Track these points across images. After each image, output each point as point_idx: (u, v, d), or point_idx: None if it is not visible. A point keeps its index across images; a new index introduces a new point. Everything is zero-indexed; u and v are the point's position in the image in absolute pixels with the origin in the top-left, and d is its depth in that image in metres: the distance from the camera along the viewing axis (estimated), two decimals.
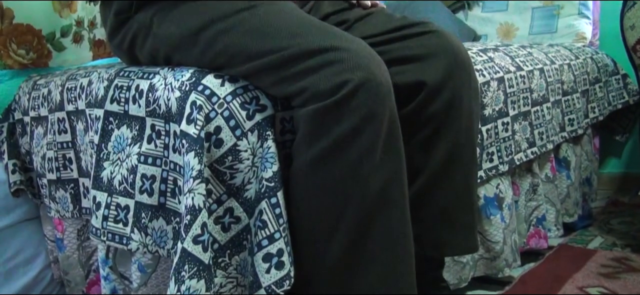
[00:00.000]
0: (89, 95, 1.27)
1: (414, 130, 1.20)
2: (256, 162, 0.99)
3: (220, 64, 1.05)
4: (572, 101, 2.14)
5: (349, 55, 0.94)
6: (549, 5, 2.80)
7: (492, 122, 1.64)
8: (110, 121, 1.18)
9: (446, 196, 1.24)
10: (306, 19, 1.03)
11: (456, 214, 1.25)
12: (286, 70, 0.97)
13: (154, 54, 1.18)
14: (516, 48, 2.00)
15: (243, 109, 0.99)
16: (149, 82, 1.12)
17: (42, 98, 1.50)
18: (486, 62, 1.72)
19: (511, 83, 1.74)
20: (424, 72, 1.19)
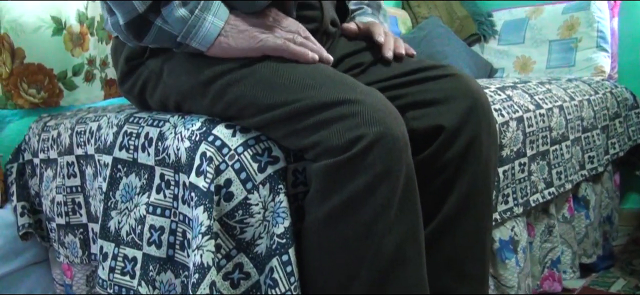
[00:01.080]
0: (98, 141, 1.24)
1: (429, 176, 1.16)
2: (267, 216, 0.96)
3: (231, 114, 1.02)
4: (592, 138, 2.09)
5: (364, 108, 0.91)
6: (566, 39, 2.77)
7: (509, 163, 1.60)
8: (119, 169, 1.15)
9: (456, 244, 1.19)
10: (319, 69, 1.00)
11: (466, 264, 1.20)
12: (298, 123, 0.93)
13: (164, 101, 1.16)
14: (535, 84, 1.96)
15: (255, 161, 0.96)
16: (159, 130, 1.09)
17: (52, 140, 1.47)
18: (505, 100, 1.68)
19: (531, 122, 1.70)
20: (442, 116, 1.15)
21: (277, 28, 1.07)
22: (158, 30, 1.03)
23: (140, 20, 1.02)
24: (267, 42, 1.03)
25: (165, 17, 1.02)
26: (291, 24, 1.10)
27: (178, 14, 1.01)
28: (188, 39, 1.03)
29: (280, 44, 1.03)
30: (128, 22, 1.02)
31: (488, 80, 2.00)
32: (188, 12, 1.01)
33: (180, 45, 1.04)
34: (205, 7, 1.02)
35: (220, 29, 1.03)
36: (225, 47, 1.04)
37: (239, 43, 1.04)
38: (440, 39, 2.87)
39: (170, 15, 1.01)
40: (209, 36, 1.03)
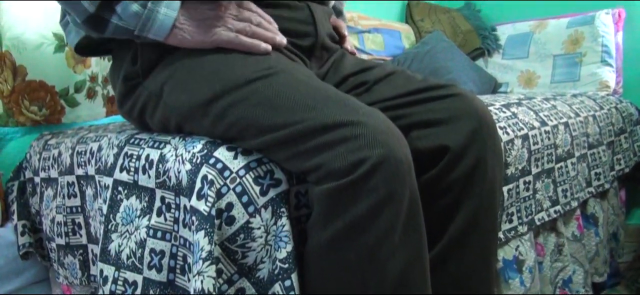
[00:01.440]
0: (99, 162, 1.23)
1: (434, 197, 1.14)
2: (270, 240, 0.94)
3: (232, 136, 1.00)
4: (597, 154, 2.07)
5: (366, 130, 0.89)
6: (570, 53, 2.75)
7: (514, 181, 1.58)
8: (119, 191, 1.13)
9: (462, 266, 1.17)
10: (321, 89, 0.98)
11: (471, 286, 1.18)
12: (300, 145, 0.92)
13: (164, 123, 1.14)
14: (540, 101, 1.95)
15: (256, 184, 0.94)
16: (160, 152, 1.07)
17: (53, 159, 1.46)
18: (510, 118, 1.66)
19: (536, 140, 1.68)
20: (447, 136, 1.14)
21: (230, 18, 1.09)
22: (115, 27, 1.06)
23: (96, 19, 1.05)
24: (220, 35, 1.07)
25: (119, 14, 1.04)
26: (244, 12, 1.11)
27: (131, 9, 1.03)
28: (144, 32, 1.06)
29: (232, 38, 1.07)
30: (84, 20, 1.05)
31: (493, 97, 1.98)
32: (140, 7, 1.04)
33: (139, 37, 1.07)
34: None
35: (174, 20, 1.06)
36: (181, 39, 1.08)
37: (193, 36, 1.08)
38: (444, 54, 2.86)
39: (124, 11, 1.04)
40: (164, 27, 1.06)
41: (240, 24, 1.09)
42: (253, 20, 1.11)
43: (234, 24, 1.08)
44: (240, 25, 1.09)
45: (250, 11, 1.12)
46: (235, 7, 1.11)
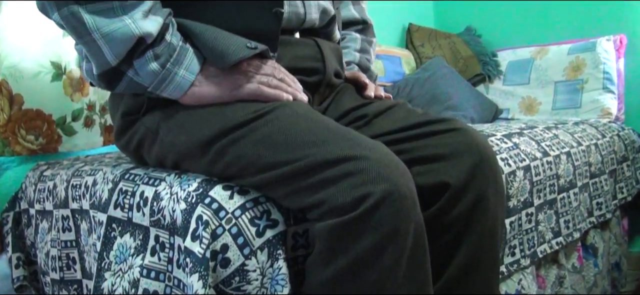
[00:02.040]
0: (93, 196, 1.21)
1: (435, 234, 1.12)
2: (265, 283, 0.91)
3: (230, 174, 0.98)
4: (599, 184, 2.05)
5: (370, 164, 0.87)
6: (572, 80, 2.74)
7: (516, 213, 1.56)
8: (113, 228, 1.11)
9: None
10: (322, 124, 0.96)
11: None
12: (301, 181, 0.90)
13: (161, 159, 1.12)
14: (541, 130, 1.93)
15: (253, 224, 0.92)
16: (154, 189, 1.05)
17: (48, 191, 1.44)
18: (511, 149, 1.64)
19: (538, 171, 1.66)
20: (448, 172, 1.11)
21: (252, 72, 1.06)
22: (129, 81, 1.02)
23: (113, 71, 1.01)
24: (241, 88, 1.04)
25: (137, 69, 1.00)
26: (267, 67, 1.08)
27: (150, 68, 1.00)
28: (159, 90, 1.02)
29: (254, 89, 1.04)
30: (101, 74, 1.01)
31: (494, 127, 1.97)
32: (159, 66, 1.00)
33: (151, 93, 1.04)
34: (177, 61, 1.01)
35: (191, 83, 1.03)
36: (198, 96, 1.04)
37: (212, 91, 1.04)
38: (445, 80, 2.85)
39: (142, 68, 1.00)
40: (180, 89, 1.03)
41: (263, 78, 1.06)
42: (276, 74, 1.08)
43: (256, 77, 1.05)
44: (263, 79, 1.06)
45: (274, 67, 1.09)
46: (258, 62, 1.08)
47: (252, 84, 1.04)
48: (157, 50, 0.99)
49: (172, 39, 1.01)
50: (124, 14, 0.96)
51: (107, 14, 0.95)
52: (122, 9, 0.96)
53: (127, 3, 0.96)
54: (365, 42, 1.56)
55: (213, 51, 1.02)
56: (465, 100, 2.74)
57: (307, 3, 1.21)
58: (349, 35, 1.57)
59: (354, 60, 1.51)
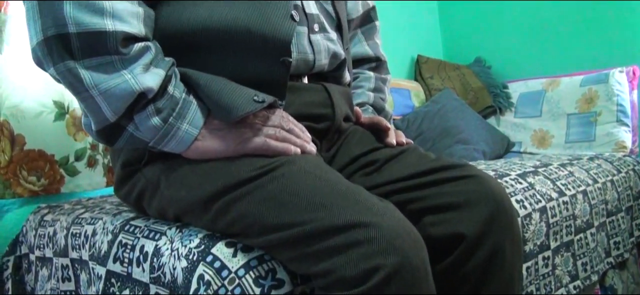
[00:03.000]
0: (93, 247, 1.16)
1: (450, 287, 1.06)
2: None
3: (233, 232, 0.93)
4: (616, 222, 1.99)
5: (381, 233, 0.81)
6: (585, 112, 2.69)
7: (532, 258, 1.50)
8: (113, 283, 1.06)
9: None
10: (331, 183, 0.91)
11: None
12: (307, 247, 0.84)
13: (162, 213, 1.07)
14: (556, 168, 1.88)
15: (257, 285, 0.87)
16: (155, 243, 1.00)
17: (48, 237, 1.40)
18: (526, 189, 1.59)
19: (554, 212, 1.61)
20: (462, 223, 1.06)
21: (259, 124, 1.00)
22: (130, 136, 0.96)
23: (112, 127, 0.95)
24: (247, 142, 0.98)
25: (137, 124, 0.95)
26: (274, 117, 1.03)
27: (151, 122, 0.94)
28: (160, 145, 0.97)
29: (260, 144, 0.98)
30: (99, 130, 0.95)
31: (507, 165, 1.91)
32: (161, 121, 0.94)
33: (153, 148, 0.98)
34: (180, 115, 0.96)
35: (194, 137, 0.97)
36: (202, 150, 0.98)
37: (216, 145, 0.98)
38: (455, 112, 2.80)
39: (143, 123, 0.94)
40: (183, 144, 0.97)
41: (270, 130, 1.00)
42: (284, 125, 1.03)
43: (263, 130, 1.00)
44: (270, 131, 1.00)
45: (282, 117, 1.04)
46: (265, 113, 1.02)
47: (258, 138, 0.98)
48: (158, 104, 0.94)
49: (174, 92, 0.96)
50: (123, 68, 0.91)
51: (106, 69, 0.90)
52: (121, 63, 0.91)
53: (126, 57, 0.91)
54: (379, 80, 1.52)
55: (218, 104, 0.97)
56: (476, 133, 2.70)
57: (316, 49, 1.17)
58: (363, 74, 1.52)
59: (368, 101, 1.46)
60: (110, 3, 0.90)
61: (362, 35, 1.54)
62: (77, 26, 0.87)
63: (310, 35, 1.16)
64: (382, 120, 1.31)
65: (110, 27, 0.89)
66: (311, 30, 1.17)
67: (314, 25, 1.18)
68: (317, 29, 1.18)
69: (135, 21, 0.94)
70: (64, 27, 0.87)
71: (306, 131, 1.07)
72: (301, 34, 1.14)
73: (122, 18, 0.91)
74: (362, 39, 1.53)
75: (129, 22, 0.92)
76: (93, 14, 0.88)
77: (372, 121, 1.32)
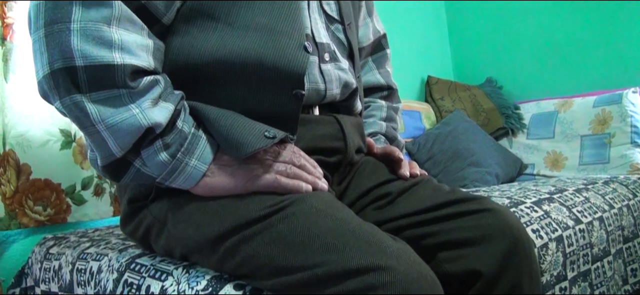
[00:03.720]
0: (98, 285, 1.13)
1: None
2: None
3: (242, 274, 0.90)
4: (633, 248, 1.94)
5: (396, 277, 0.78)
6: (598, 134, 2.65)
7: (549, 290, 1.46)
8: None
9: None
10: (343, 223, 0.87)
11: None
12: (320, 291, 0.80)
13: (168, 251, 1.04)
14: (572, 193, 1.84)
15: None
16: (161, 284, 0.97)
17: (53, 271, 1.37)
18: (542, 218, 1.55)
19: (570, 241, 1.57)
20: (479, 259, 1.02)
21: (269, 159, 0.97)
22: (136, 172, 0.93)
23: (119, 162, 0.91)
24: (257, 179, 0.94)
25: (144, 159, 0.91)
26: (285, 152, 1.00)
27: (159, 158, 0.91)
28: (168, 181, 0.93)
29: (270, 182, 0.94)
30: (105, 165, 0.92)
31: (521, 190, 1.86)
32: (169, 156, 0.91)
33: (160, 183, 0.95)
34: (188, 150, 0.93)
35: (203, 173, 0.94)
36: (211, 187, 0.95)
37: (225, 182, 0.95)
38: (466, 134, 2.77)
39: (150, 158, 0.91)
40: (191, 180, 0.94)
41: (281, 166, 0.97)
42: (295, 161, 0.99)
43: (273, 166, 0.96)
44: (281, 167, 0.97)
45: (293, 152, 1.01)
46: (276, 149, 0.99)
47: (269, 175, 0.95)
48: (166, 139, 0.91)
49: (183, 126, 0.93)
50: (131, 102, 0.88)
51: (113, 103, 0.87)
52: (129, 97, 0.88)
53: (135, 90, 0.88)
54: (391, 109, 1.48)
55: (228, 140, 0.93)
56: (488, 155, 2.66)
57: (327, 78, 1.14)
58: (374, 103, 1.48)
59: (381, 131, 1.43)
60: (118, 35, 0.87)
61: (373, 64, 1.51)
62: (84, 59, 0.85)
63: (321, 65, 1.13)
64: (395, 150, 1.27)
65: (119, 61, 0.86)
66: (322, 59, 1.14)
67: (325, 55, 1.15)
68: (328, 59, 1.15)
69: (144, 54, 0.91)
70: (71, 60, 0.85)
71: (318, 167, 1.03)
72: (312, 63, 1.11)
73: (131, 51, 0.88)
74: (373, 67, 1.51)
75: (138, 55, 0.89)
76: (101, 47, 0.85)
77: (385, 152, 1.29)
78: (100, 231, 1.57)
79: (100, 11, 0.86)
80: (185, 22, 1.01)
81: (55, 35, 0.85)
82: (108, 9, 0.87)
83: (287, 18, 1.03)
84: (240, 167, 0.95)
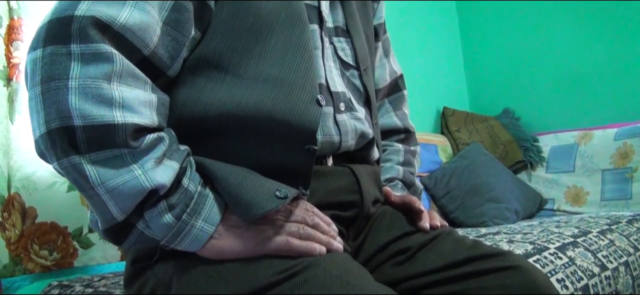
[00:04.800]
0: None
1: None
2: None
3: None
4: None
5: None
6: (620, 168, 2.59)
7: None
8: None
9: None
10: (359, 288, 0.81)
11: None
12: None
13: None
14: (596, 236, 1.76)
15: None
16: None
17: None
18: (567, 265, 1.48)
19: (596, 289, 1.50)
20: None
21: (281, 220, 0.91)
22: (139, 235, 0.87)
23: (120, 225, 0.86)
24: (268, 241, 0.88)
25: (148, 221, 0.86)
26: (298, 211, 0.93)
27: (163, 220, 0.85)
28: (173, 244, 0.87)
29: (282, 245, 0.88)
30: (107, 229, 0.86)
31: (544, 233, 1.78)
32: (174, 218, 0.85)
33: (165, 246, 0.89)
34: (194, 211, 0.87)
35: (210, 235, 0.88)
36: (218, 250, 0.89)
37: (234, 244, 0.89)
38: (484, 168, 2.71)
39: (154, 221, 0.85)
40: (198, 242, 0.88)
41: (293, 226, 0.91)
42: (308, 221, 0.93)
43: (285, 227, 0.90)
44: (293, 228, 0.90)
45: (306, 210, 0.94)
46: (288, 207, 0.93)
47: (280, 237, 0.88)
48: (171, 199, 0.85)
49: (189, 185, 0.87)
50: (133, 162, 0.82)
51: (114, 164, 0.82)
52: (131, 157, 0.82)
53: (137, 150, 0.83)
54: (408, 153, 1.42)
55: (236, 200, 0.88)
56: (507, 190, 2.59)
57: (342, 130, 1.08)
58: (391, 147, 1.43)
59: (398, 176, 1.37)
60: (119, 92, 0.82)
61: (389, 105, 1.45)
62: (83, 119, 0.80)
63: (336, 115, 1.08)
64: (415, 201, 1.21)
65: (120, 119, 0.81)
66: (337, 109, 1.08)
67: (340, 104, 1.09)
68: (344, 108, 1.10)
69: (147, 111, 0.86)
70: (68, 120, 0.79)
71: (332, 224, 0.97)
72: (327, 115, 1.06)
73: (133, 108, 0.83)
74: (390, 109, 1.45)
75: (140, 112, 0.84)
76: (101, 105, 0.80)
77: (404, 201, 1.22)
78: (106, 280, 1.51)
79: (100, 67, 0.81)
80: (192, 73, 0.96)
81: (53, 93, 0.80)
82: (109, 64, 0.82)
83: (299, 69, 0.98)
84: (250, 229, 0.89)
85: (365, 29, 1.27)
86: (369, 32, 1.31)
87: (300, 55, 1.00)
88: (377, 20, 1.40)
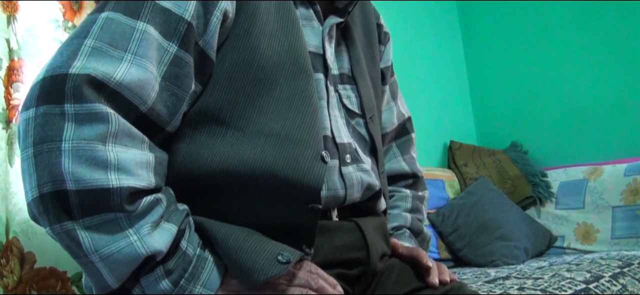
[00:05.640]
0: None
1: None
2: None
3: None
4: None
5: None
6: (631, 205, 2.54)
7: None
8: None
9: None
10: None
11: None
12: None
13: None
14: (608, 281, 1.72)
15: None
16: None
17: None
18: None
19: None
20: None
21: (283, 284, 0.88)
22: None
23: (115, 292, 0.82)
24: None
25: (144, 288, 0.82)
26: (301, 273, 0.90)
27: (160, 286, 0.81)
28: None
29: None
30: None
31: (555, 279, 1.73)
32: (172, 284, 0.82)
33: None
34: (193, 276, 0.83)
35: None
36: None
37: None
38: (493, 205, 2.66)
39: (150, 287, 0.82)
40: None
41: (296, 290, 0.88)
42: (312, 284, 0.89)
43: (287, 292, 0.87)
44: (296, 292, 0.87)
45: (309, 273, 0.91)
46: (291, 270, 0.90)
47: None
48: (168, 264, 0.81)
49: (187, 248, 0.84)
50: (129, 226, 0.79)
51: (109, 229, 0.78)
52: (127, 221, 0.79)
53: (133, 214, 0.79)
54: (416, 199, 1.38)
55: (237, 265, 0.84)
56: (517, 228, 2.54)
57: (348, 183, 1.04)
58: (399, 193, 1.38)
59: (405, 224, 1.32)
60: (115, 154, 0.79)
61: (397, 149, 1.42)
62: (76, 183, 0.76)
63: (342, 168, 1.04)
64: (423, 256, 1.16)
65: (115, 183, 0.78)
66: (342, 162, 1.04)
67: (346, 156, 1.05)
68: (349, 160, 1.06)
69: (144, 172, 0.82)
70: (61, 184, 0.76)
71: (337, 286, 0.93)
72: (332, 168, 1.02)
73: (129, 171, 0.80)
74: (397, 153, 1.41)
75: (136, 174, 0.80)
76: (95, 169, 0.77)
77: (412, 255, 1.17)
78: None
79: (94, 128, 0.78)
80: (192, 128, 0.93)
81: (45, 155, 0.77)
82: (103, 124, 0.78)
83: (303, 123, 0.94)
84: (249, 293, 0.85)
85: (371, 73, 1.23)
86: (376, 75, 1.28)
87: (304, 108, 0.96)
88: (384, 63, 1.36)
